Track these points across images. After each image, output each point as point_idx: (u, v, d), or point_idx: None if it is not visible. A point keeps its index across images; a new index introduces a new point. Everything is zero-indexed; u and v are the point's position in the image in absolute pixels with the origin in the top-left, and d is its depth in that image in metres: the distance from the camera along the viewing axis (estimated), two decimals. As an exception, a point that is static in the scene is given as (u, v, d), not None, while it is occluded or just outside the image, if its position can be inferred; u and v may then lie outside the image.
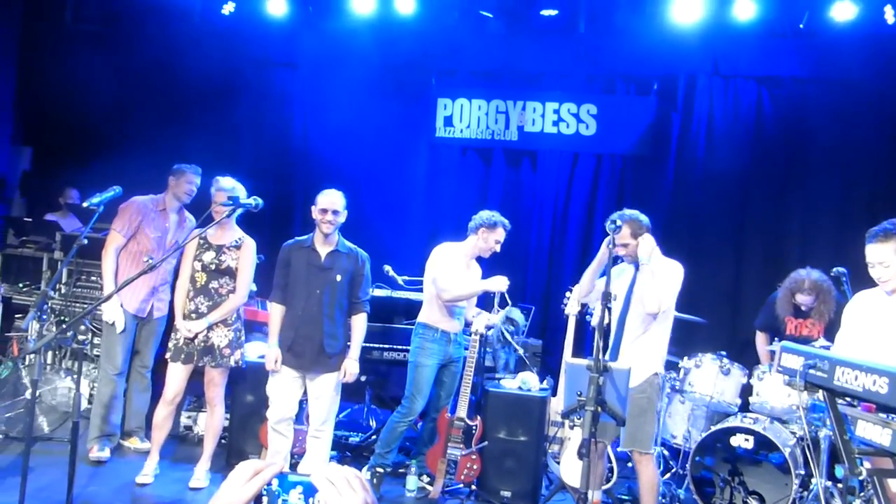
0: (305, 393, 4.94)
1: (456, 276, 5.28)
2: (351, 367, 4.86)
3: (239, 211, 4.59)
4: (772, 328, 5.91)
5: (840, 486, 4.72)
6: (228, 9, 7.85)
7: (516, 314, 5.88)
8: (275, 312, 4.91)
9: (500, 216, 5.39)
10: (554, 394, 5.62)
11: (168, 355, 5.04)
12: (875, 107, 6.74)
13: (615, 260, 4.34)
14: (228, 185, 5.01)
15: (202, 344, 4.98)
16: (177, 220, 5.62)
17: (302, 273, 4.81)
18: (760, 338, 6.07)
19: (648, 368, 4.56)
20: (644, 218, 4.61)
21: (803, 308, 5.67)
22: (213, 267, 5.00)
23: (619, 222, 4.18)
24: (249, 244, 5.11)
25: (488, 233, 5.32)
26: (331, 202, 4.77)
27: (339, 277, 4.81)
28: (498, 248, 5.39)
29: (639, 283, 4.56)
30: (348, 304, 4.91)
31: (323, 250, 4.81)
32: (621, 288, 4.71)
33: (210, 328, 4.98)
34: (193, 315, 4.99)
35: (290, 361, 4.81)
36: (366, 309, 5.00)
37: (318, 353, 4.78)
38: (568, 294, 5.70)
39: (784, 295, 5.71)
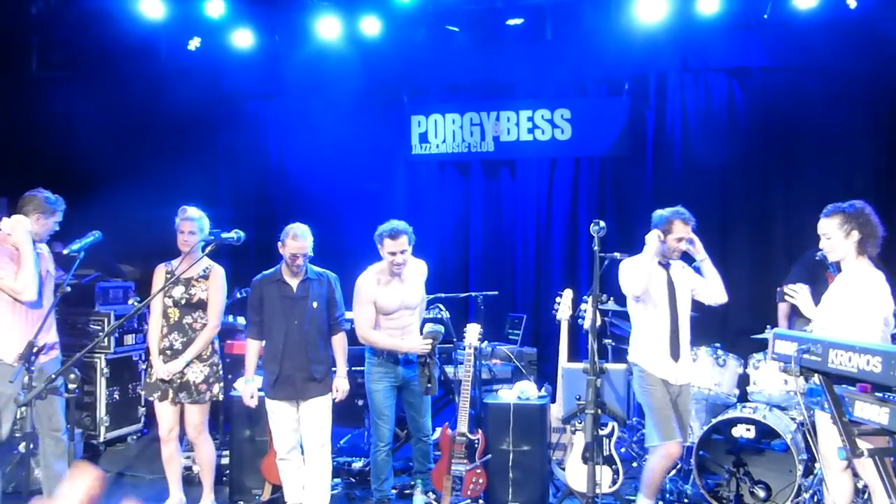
0: None
1: (372, 302, 5.01)
2: (342, 385, 4.92)
3: (212, 247, 4.26)
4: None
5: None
6: (194, 44, 7.84)
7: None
8: (251, 348, 4.92)
9: (394, 223, 4.98)
10: (553, 400, 5.60)
11: (144, 392, 4.93)
12: (845, 91, 6.80)
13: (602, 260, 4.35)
14: (196, 216, 4.94)
15: (178, 381, 4.85)
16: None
17: (277, 306, 4.80)
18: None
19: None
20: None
21: None
22: (183, 301, 4.88)
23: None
24: (218, 272, 4.99)
25: (381, 248, 5.04)
26: (303, 246, 4.75)
27: (315, 304, 4.82)
28: (397, 259, 4.96)
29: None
30: (328, 328, 4.92)
31: (293, 281, 4.83)
32: (659, 290, 4.74)
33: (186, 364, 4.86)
34: (168, 352, 4.88)
35: (280, 394, 4.80)
36: (344, 327, 5.00)
37: (307, 379, 4.78)
38: (558, 299, 5.71)
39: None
